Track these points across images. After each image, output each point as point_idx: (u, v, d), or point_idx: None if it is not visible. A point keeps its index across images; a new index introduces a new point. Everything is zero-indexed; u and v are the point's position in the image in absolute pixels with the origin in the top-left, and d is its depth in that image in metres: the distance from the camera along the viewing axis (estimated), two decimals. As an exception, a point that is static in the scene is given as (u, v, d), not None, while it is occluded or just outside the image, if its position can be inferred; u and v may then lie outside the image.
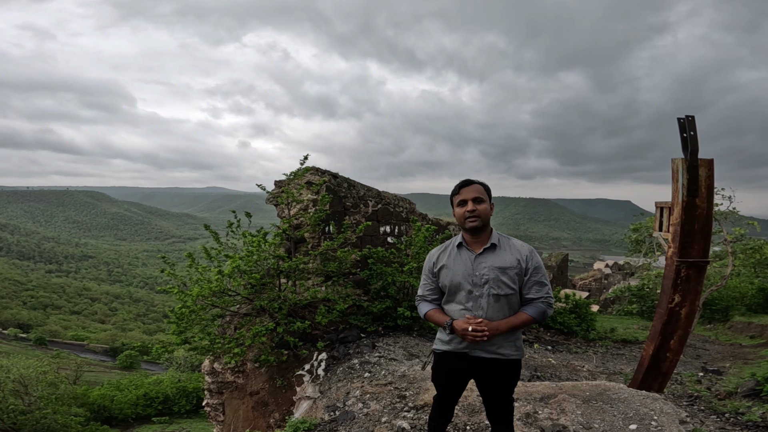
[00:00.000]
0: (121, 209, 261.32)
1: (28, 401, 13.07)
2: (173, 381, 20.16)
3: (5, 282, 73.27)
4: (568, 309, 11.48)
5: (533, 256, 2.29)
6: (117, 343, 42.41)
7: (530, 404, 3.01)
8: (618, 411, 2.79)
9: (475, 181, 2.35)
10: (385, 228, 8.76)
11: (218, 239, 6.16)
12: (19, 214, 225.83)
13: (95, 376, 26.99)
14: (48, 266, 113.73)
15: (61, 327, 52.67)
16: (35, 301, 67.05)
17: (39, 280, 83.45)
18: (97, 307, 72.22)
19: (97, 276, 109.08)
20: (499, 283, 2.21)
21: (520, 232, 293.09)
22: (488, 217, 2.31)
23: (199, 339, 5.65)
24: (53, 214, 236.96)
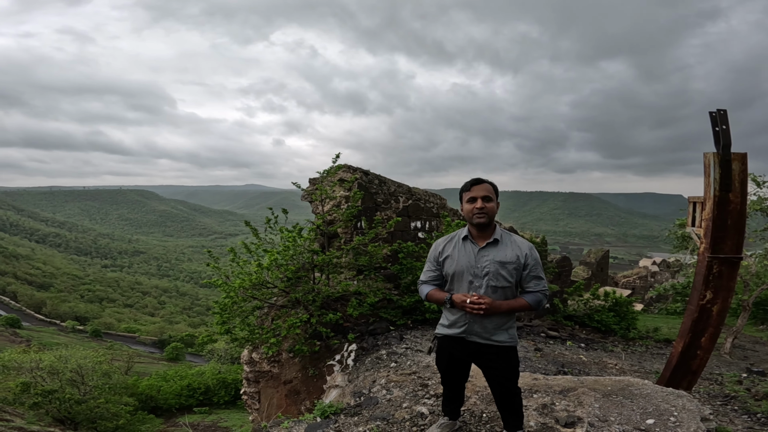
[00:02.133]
0: (168, 207, 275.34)
1: (83, 391, 13.59)
2: (214, 372, 20.95)
3: (64, 276, 78.90)
4: (607, 307, 11.15)
5: (532, 253, 2.49)
6: (165, 335, 44.50)
7: (549, 396, 3.07)
8: (637, 406, 2.81)
9: (485, 181, 2.52)
10: (415, 223, 8.87)
11: (257, 235, 6.49)
12: (77, 212, 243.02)
13: (144, 367, 28.43)
14: (103, 261, 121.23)
15: (115, 319, 55.41)
16: (92, 294, 71.26)
17: (95, 275, 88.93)
18: (148, 300, 76.01)
19: (148, 271, 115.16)
20: (498, 276, 2.42)
21: (559, 227, 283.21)
22: (494, 215, 2.49)
23: (239, 329, 6.03)
24: (107, 212, 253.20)
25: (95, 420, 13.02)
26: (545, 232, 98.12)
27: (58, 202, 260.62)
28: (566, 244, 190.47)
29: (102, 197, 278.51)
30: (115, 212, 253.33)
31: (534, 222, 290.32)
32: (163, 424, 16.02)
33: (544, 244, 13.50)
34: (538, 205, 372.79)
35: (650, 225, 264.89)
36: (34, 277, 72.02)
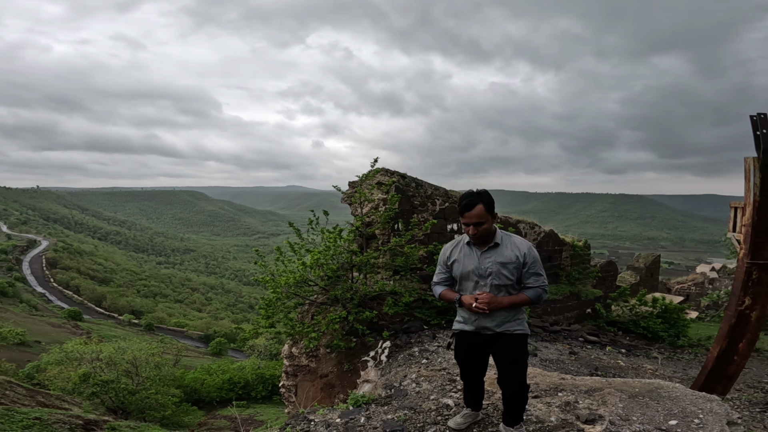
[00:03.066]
0: (215, 207, 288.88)
1: (137, 381, 14.20)
2: (254, 368, 21.58)
3: (123, 272, 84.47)
4: (655, 313, 10.74)
5: (531, 252, 2.73)
6: (210, 330, 46.42)
7: (573, 395, 3.15)
8: (663, 407, 2.83)
9: (476, 202, 2.63)
10: (452, 225, 8.98)
11: (300, 235, 6.86)
12: (135, 211, 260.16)
13: (191, 360, 29.66)
14: (158, 258, 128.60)
15: (166, 314, 57.98)
16: (147, 289, 75.33)
17: (150, 271, 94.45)
18: (196, 296, 79.51)
19: (197, 268, 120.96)
20: (500, 276, 2.68)
21: (608, 231, 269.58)
22: (489, 233, 2.71)
23: (282, 324, 6.42)
24: (162, 211, 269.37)
25: (144, 410, 13.57)
26: (592, 235, 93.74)
27: (118, 202, 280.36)
28: (615, 248, 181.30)
29: (157, 197, 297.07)
30: (168, 212, 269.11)
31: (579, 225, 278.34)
32: (204, 416, 16.63)
33: (586, 248, 13.12)
34: (583, 207, 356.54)
35: (710, 229, 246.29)
36: (96, 272, 77.57)
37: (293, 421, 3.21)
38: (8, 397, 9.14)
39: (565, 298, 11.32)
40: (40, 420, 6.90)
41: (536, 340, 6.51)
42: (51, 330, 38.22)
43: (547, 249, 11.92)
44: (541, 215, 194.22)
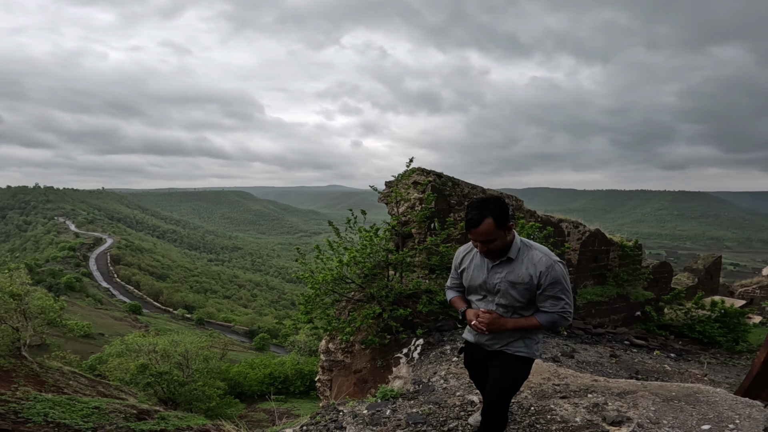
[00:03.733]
0: (261, 206, 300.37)
1: (187, 373, 14.75)
2: (293, 363, 22.24)
3: (178, 269, 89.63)
4: (713, 317, 10.11)
5: (550, 272, 2.25)
6: (254, 326, 48.20)
7: (603, 396, 3.06)
8: (698, 412, 2.70)
9: (483, 217, 2.22)
10: (490, 225, 8.86)
11: (339, 234, 7.06)
12: (188, 211, 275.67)
13: (236, 354, 30.88)
14: (209, 256, 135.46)
15: (215, 309, 61.00)
16: (199, 285, 79.56)
17: (202, 268, 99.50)
18: (242, 293, 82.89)
19: (244, 265, 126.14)
20: (508, 295, 2.32)
21: (666, 230, 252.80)
22: (503, 248, 2.30)
23: (320, 320, 6.64)
24: (212, 211, 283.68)
25: (192, 401, 14.04)
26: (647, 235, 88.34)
27: (174, 202, 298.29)
28: (674, 249, 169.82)
29: (208, 198, 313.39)
30: (218, 211, 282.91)
31: (633, 224, 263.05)
32: (245, 409, 17.17)
33: (637, 248, 12.49)
34: (638, 205, 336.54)
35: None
36: (155, 268, 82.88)
37: (324, 411, 3.35)
38: (71, 387, 9.96)
39: (612, 300, 10.85)
40: (98, 409, 7.50)
41: (575, 342, 6.32)
42: (113, 323, 41.32)
43: (593, 249, 11.46)
44: (590, 214, 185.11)
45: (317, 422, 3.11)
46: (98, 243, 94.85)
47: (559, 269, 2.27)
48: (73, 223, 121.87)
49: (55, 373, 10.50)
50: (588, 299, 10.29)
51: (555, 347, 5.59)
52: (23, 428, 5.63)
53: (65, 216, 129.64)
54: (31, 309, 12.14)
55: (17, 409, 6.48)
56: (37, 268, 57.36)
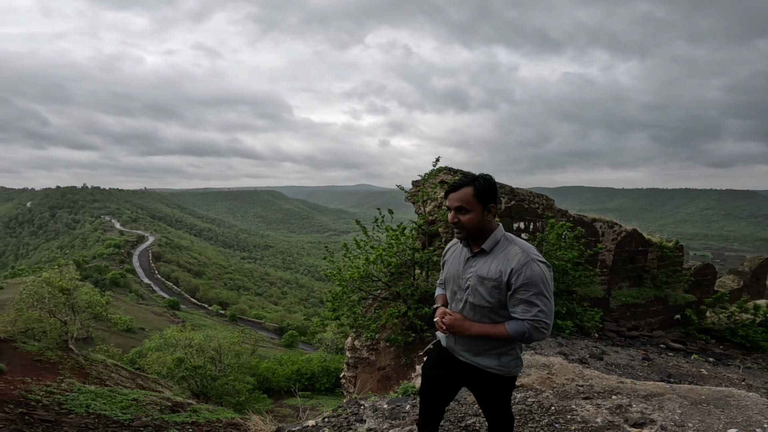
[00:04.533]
0: (291, 206, 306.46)
1: (219, 368, 15.10)
2: (320, 360, 22.53)
3: (213, 266, 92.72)
4: (757, 321, 9.61)
5: (525, 270, 1.87)
6: (284, 323, 49.22)
7: (628, 398, 2.97)
8: (726, 415, 2.59)
9: (465, 184, 1.99)
10: (518, 224, 8.74)
11: (366, 232, 7.15)
12: (223, 210, 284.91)
13: (265, 351, 31.50)
14: (242, 253, 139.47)
15: (247, 306, 62.70)
16: (232, 282, 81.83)
17: (236, 265, 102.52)
18: (273, 290, 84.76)
19: (275, 263, 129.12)
20: (476, 293, 1.99)
21: (712, 231, 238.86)
22: (476, 227, 1.99)
23: (346, 317, 6.76)
24: (246, 210, 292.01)
25: (222, 396, 14.38)
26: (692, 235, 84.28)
27: (210, 202, 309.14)
28: (720, 251, 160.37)
29: (241, 197, 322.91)
30: (251, 210, 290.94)
31: (677, 224, 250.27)
32: (272, 405, 17.58)
33: (677, 249, 11.94)
34: (682, 204, 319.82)
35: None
36: (192, 265, 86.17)
37: (346, 404, 3.43)
38: (113, 379, 10.49)
39: (649, 302, 10.45)
40: (136, 401, 7.89)
41: (606, 344, 6.14)
42: (154, 318, 43.29)
43: (629, 250, 11.07)
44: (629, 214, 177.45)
45: (339, 415, 3.19)
46: (141, 241, 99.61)
47: (537, 269, 1.87)
48: (118, 221, 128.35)
49: (99, 365, 11.06)
50: (623, 301, 9.96)
51: (583, 349, 5.45)
52: (65, 419, 5.98)
53: (111, 215, 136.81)
54: (79, 303, 12.86)
55: (61, 400, 6.91)
56: (85, 264, 60.84)
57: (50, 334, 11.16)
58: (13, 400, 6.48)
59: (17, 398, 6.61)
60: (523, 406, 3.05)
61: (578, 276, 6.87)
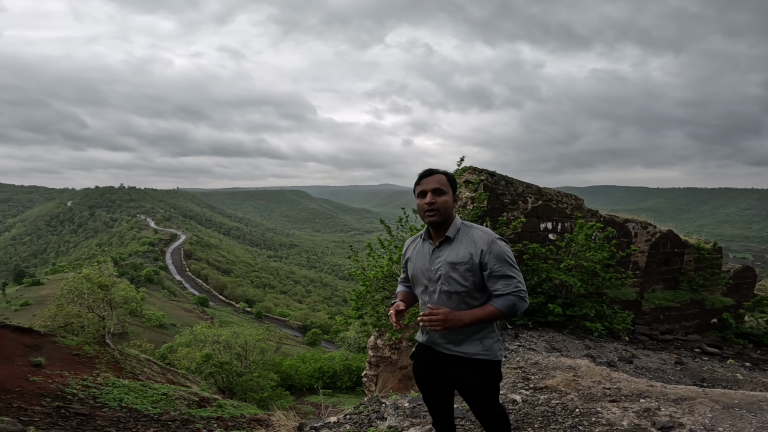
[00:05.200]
0: (316, 205, 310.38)
1: (245, 364, 15.57)
2: (342, 359, 22.72)
3: (241, 264, 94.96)
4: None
5: (492, 248, 2.00)
6: (308, 321, 49.67)
7: (657, 402, 2.87)
8: (758, 420, 2.48)
9: (438, 171, 2.13)
10: (546, 224, 8.58)
11: (390, 232, 7.18)
12: (250, 209, 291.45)
13: (289, 348, 31.90)
14: (268, 252, 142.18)
15: (272, 304, 63.96)
16: (258, 281, 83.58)
17: (262, 264, 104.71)
18: (298, 288, 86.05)
19: (299, 262, 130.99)
20: (450, 280, 2.04)
21: (753, 232, 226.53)
22: (449, 211, 2.09)
23: (369, 316, 6.80)
24: (272, 209, 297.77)
25: (246, 392, 14.65)
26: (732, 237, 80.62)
27: (238, 201, 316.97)
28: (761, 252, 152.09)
29: (268, 197, 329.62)
30: (277, 209, 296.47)
31: (716, 225, 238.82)
32: (294, 401, 17.89)
33: (715, 251, 11.42)
34: (722, 204, 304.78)
35: None
36: (220, 263, 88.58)
37: (367, 402, 3.46)
38: (145, 373, 10.87)
39: (684, 305, 10.06)
40: (166, 396, 8.17)
41: (636, 348, 5.97)
42: (184, 314, 44.75)
43: (664, 252, 10.69)
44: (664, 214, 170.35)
45: (360, 412, 3.23)
46: (173, 239, 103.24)
47: (502, 245, 2.02)
48: (153, 220, 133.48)
49: (133, 360, 11.47)
50: (656, 304, 9.62)
51: (612, 352, 5.31)
52: (99, 413, 6.25)
53: (146, 214, 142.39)
54: (116, 299, 13.42)
55: (96, 394, 7.24)
56: (122, 261, 63.52)
57: (88, 329, 11.67)
58: (51, 393, 6.83)
59: (54, 392, 6.95)
60: (546, 408, 3.00)
61: (608, 278, 6.70)
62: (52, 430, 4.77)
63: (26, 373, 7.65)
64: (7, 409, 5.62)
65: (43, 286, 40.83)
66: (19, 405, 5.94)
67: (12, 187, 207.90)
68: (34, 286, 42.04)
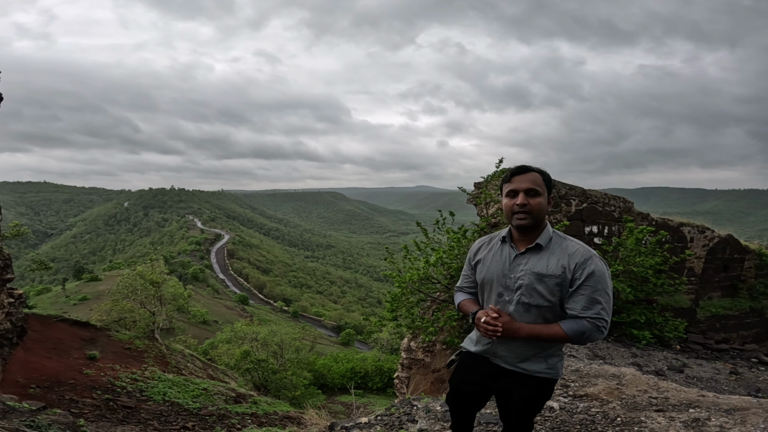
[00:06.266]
0: (352, 207, 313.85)
1: (280, 362, 15.82)
2: (374, 360, 22.68)
3: (280, 264, 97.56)
4: None
5: (589, 265, 1.78)
6: (342, 321, 50.19)
7: (707, 412, 2.68)
8: None
9: (532, 168, 1.91)
10: (591, 228, 8.25)
11: (426, 234, 7.13)
12: (290, 210, 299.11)
13: (323, 348, 32.39)
14: (306, 252, 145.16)
15: (308, 304, 65.25)
16: (296, 280, 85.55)
17: (300, 264, 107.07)
18: (333, 289, 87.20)
19: (335, 263, 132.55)
20: (532, 292, 1.83)
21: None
22: (542, 215, 1.87)
23: (404, 318, 6.78)
24: (310, 210, 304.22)
25: (280, 389, 14.91)
26: (798, 242, 72.27)
27: (278, 203, 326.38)
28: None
29: (306, 198, 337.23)
30: (315, 211, 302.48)
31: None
32: (325, 400, 18.09)
33: (781, 258, 10.53)
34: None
35: None
36: (260, 263, 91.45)
37: (399, 404, 3.43)
38: (189, 368, 11.35)
39: (743, 314, 9.42)
40: (206, 390, 8.50)
41: (688, 357, 5.63)
42: (226, 311, 46.53)
43: (723, 257, 10.02)
44: (723, 217, 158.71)
45: (391, 413, 3.21)
46: (218, 238, 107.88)
47: (601, 266, 1.79)
48: (199, 220, 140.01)
49: (178, 355, 12.02)
50: (712, 312, 9.04)
51: (661, 360, 5.02)
52: (144, 406, 6.58)
53: (193, 214, 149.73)
54: (166, 296, 14.14)
55: (143, 387, 7.62)
56: (171, 259, 66.97)
57: (140, 323, 12.36)
58: (102, 386, 7.27)
59: (105, 384, 7.39)
60: (585, 416, 2.86)
61: (660, 284, 6.35)
62: (99, 422, 5.05)
63: (81, 365, 8.18)
64: (59, 401, 6.01)
65: (101, 282, 43.59)
66: (71, 397, 6.35)
67: (74, 189, 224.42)
68: (92, 282, 45.01)
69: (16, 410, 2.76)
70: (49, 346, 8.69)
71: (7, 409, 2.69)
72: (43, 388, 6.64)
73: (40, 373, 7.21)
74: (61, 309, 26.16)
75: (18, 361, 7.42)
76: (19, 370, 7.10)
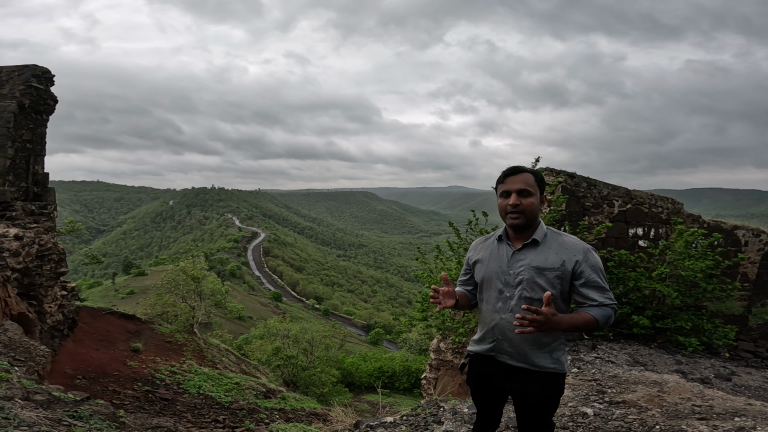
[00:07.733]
0: (384, 207, 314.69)
1: (309, 359, 16.08)
2: (402, 360, 22.42)
3: (312, 262, 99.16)
4: None
5: (588, 257, 1.88)
6: (372, 320, 50.25)
7: (753, 421, 2.49)
8: None
9: (525, 169, 1.97)
10: (635, 230, 7.89)
11: (459, 235, 7.05)
12: (323, 210, 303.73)
13: (352, 346, 32.45)
14: (338, 251, 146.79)
15: (339, 302, 65.66)
16: (328, 279, 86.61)
17: (332, 263, 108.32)
18: (364, 288, 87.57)
19: (367, 262, 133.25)
20: (534, 286, 1.89)
21: None
22: (535, 214, 1.95)
23: (434, 318, 6.72)
24: (342, 210, 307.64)
25: (309, 386, 15.10)
26: None
27: (311, 202, 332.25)
28: None
29: (339, 198, 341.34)
30: (347, 210, 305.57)
31: None
32: (352, 399, 18.16)
33: None
34: None
35: None
36: (294, 261, 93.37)
37: (425, 405, 3.39)
38: (223, 363, 11.67)
39: (801, 323, 8.66)
40: (238, 385, 8.70)
41: (738, 365, 5.31)
42: (260, 308, 47.81)
43: (780, 261, 9.29)
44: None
45: (417, 414, 3.18)
46: (255, 236, 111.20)
47: (597, 256, 1.93)
48: (237, 218, 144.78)
49: (214, 349, 12.40)
50: (765, 320, 8.44)
51: (708, 368, 4.73)
52: (179, 399, 6.81)
53: (232, 213, 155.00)
54: (205, 291, 14.69)
55: (180, 380, 7.90)
56: (211, 256, 69.65)
57: (180, 317, 12.89)
58: (143, 378, 7.59)
59: (146, 377, 7.71)
60: (621, 423, 2.72)
61: (711, 289, 5.99)
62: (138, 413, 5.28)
63: (125, 357, 8.58)
64: (102, 392, 6.32)
65: (147, 277, 45.89)
66: (114, 388, 6.67)
67: (124, 188, 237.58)
68: (139, 277, 47.49)
69: (60, 401, 2.93)
70: (97, 337, 9.15)
71: (52, 399, 2.86)
72: (89, 378, 6.98)
73: (87, 364, 7.57)
74: (110, 302, 27.71)
75: (68, 351, 7.84)
76: (68, 360, 7.49)
